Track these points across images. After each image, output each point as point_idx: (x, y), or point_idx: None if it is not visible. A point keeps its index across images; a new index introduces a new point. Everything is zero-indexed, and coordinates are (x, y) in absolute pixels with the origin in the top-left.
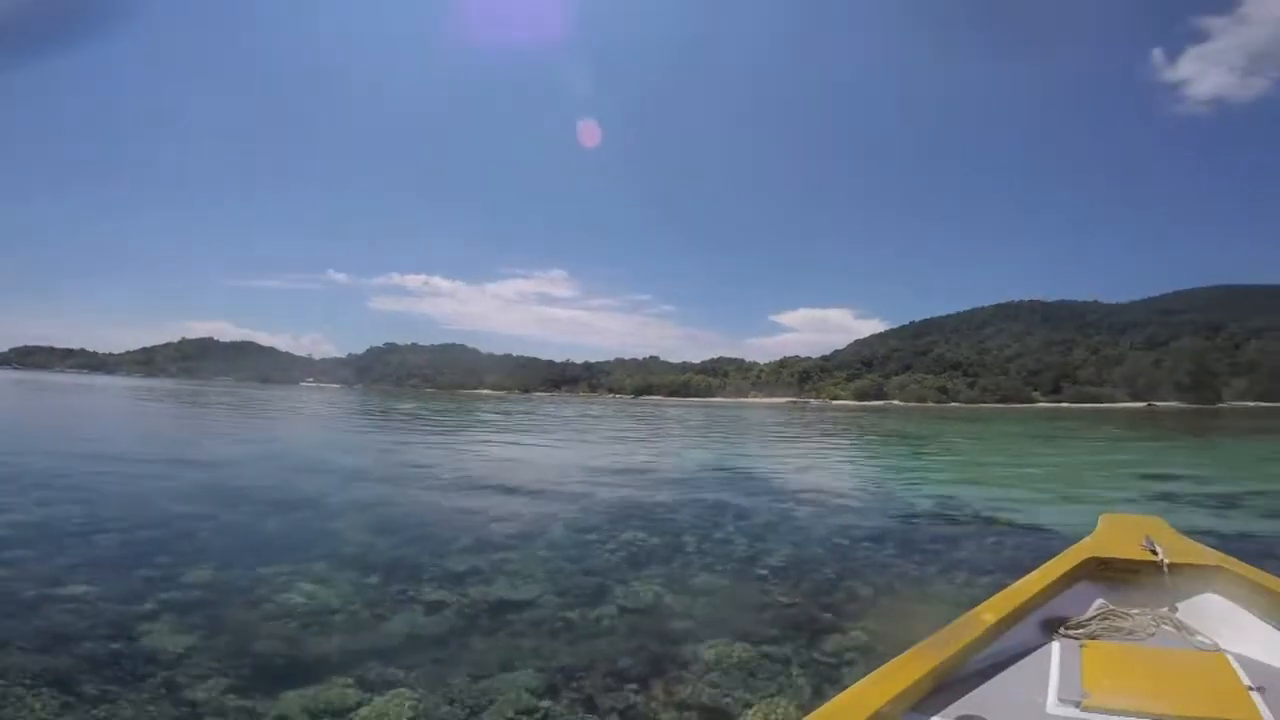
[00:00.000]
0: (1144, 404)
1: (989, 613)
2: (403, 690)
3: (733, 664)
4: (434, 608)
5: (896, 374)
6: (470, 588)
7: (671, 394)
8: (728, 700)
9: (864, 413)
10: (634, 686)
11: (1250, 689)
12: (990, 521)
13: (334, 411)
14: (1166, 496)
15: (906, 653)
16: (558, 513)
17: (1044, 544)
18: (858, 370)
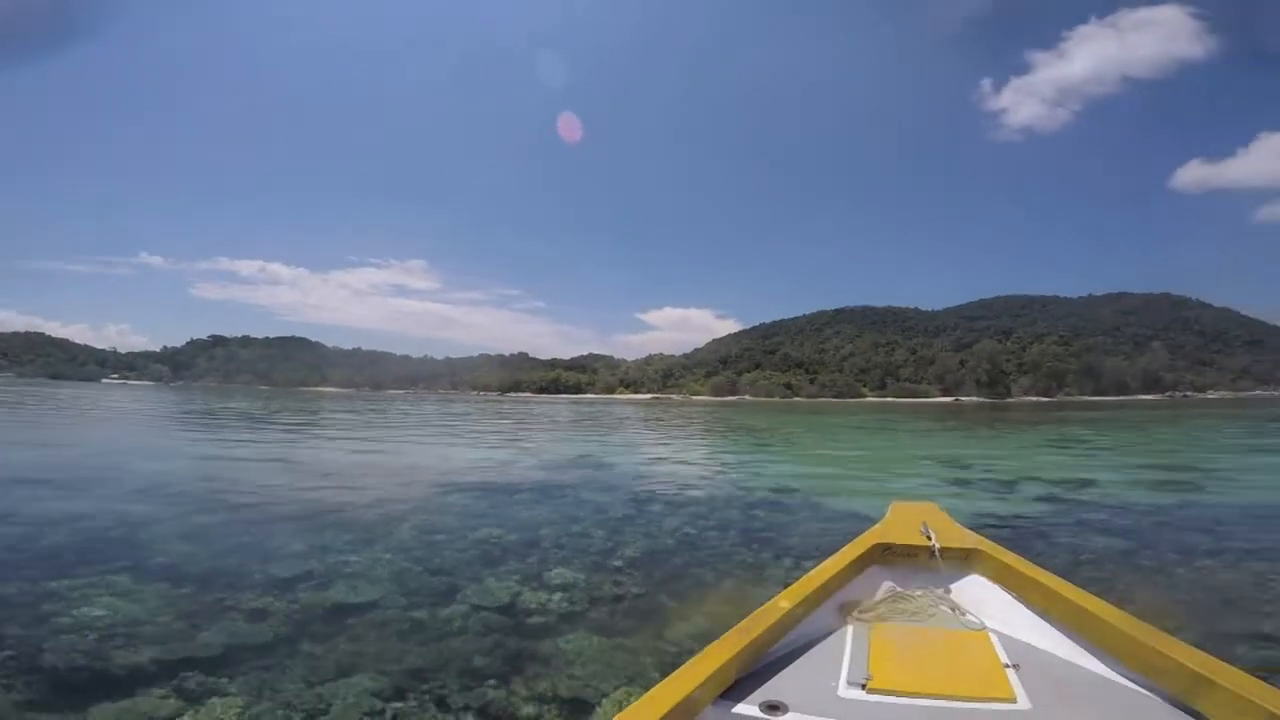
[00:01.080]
0: (952, 398)
1: (788, 599)
2: (230, 698)
3: (590, 656)
4: (258, 615)
5: (748, 371)
6: (302, 593)
7: (540, 391)
8: (587, 691)
9: (720, 408)
10: (492, 683)
11: (1007, 666)
12: (818, 508)
13: (141, 410)
14: (960, 482)
15: (715, 642)
16: (405, 514)
17: (860, 528)
18: (715, 368)
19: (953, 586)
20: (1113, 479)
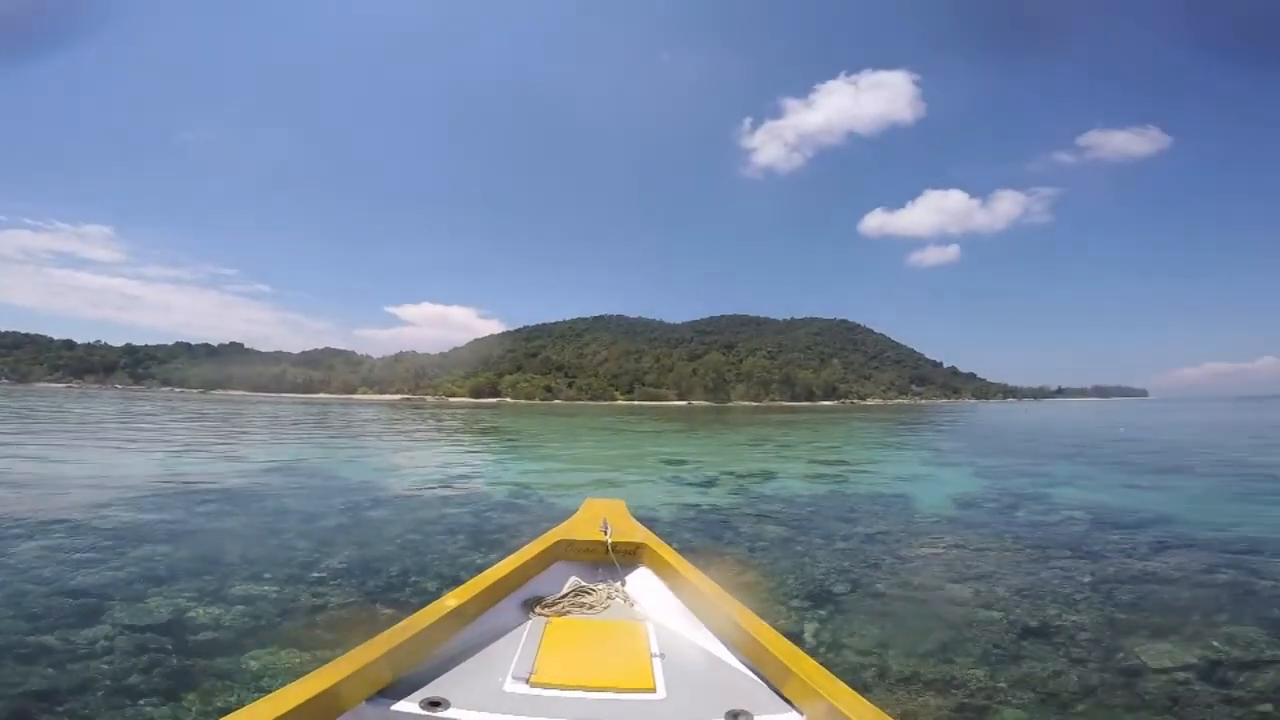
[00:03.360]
0: (685, 402)
1: (458, 596)
2: None
3: (281, 669)
4: None
5: (510, 374)
6: None
7: (257, 389)
8: None
9: (478, 410)
10: (154, 699)
11: (655, 656)
12: (552, 507)
13: None
14: (675, 478)
15: (372, 639)
16: (32, 531)
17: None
18: (476, 369)
19: (627, 579)
20: (789, 472)
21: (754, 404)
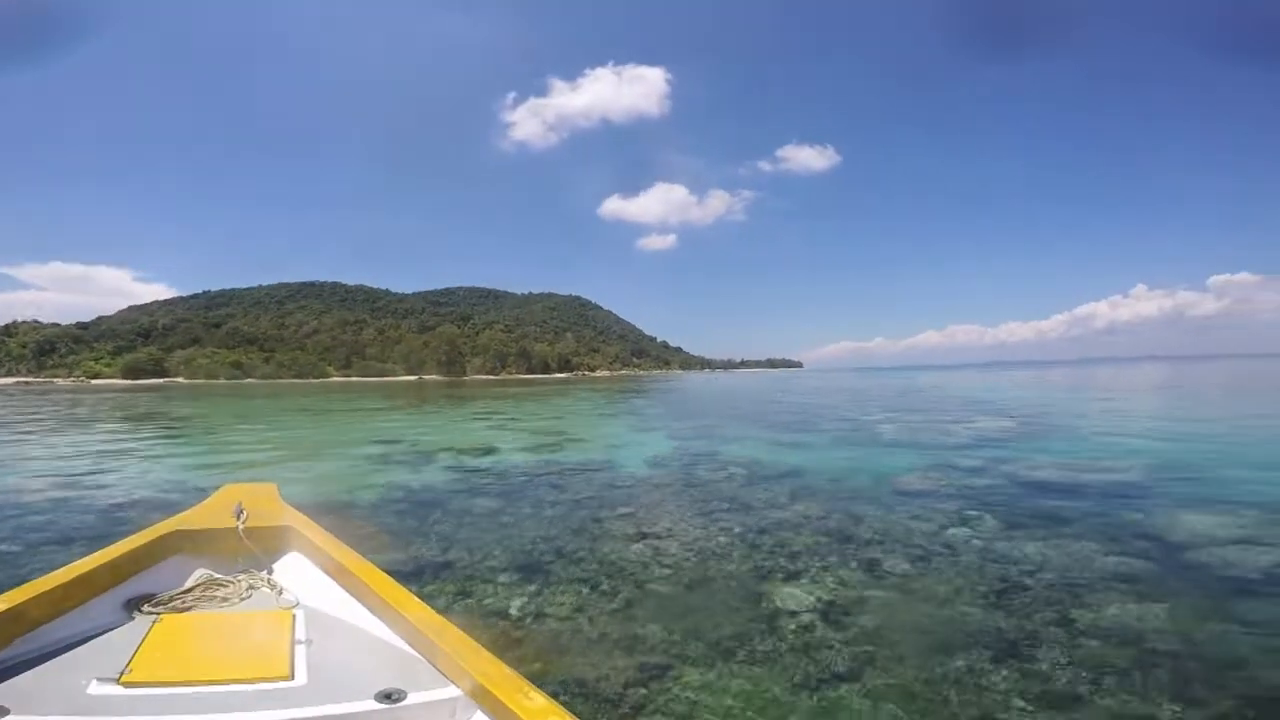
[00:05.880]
0: (416, 377)
1: (35, 590)
2: None
3: None
4: None
5: (183, 347)
6: None
7: None
8: None
9: (135, 393)
10: None
11: (300, 643)
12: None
13: None
14: (383, 458)
15: None
16: None
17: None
18: (131, 342)
19: (275, 567)
20: (510, 445)
21: (491, 377)
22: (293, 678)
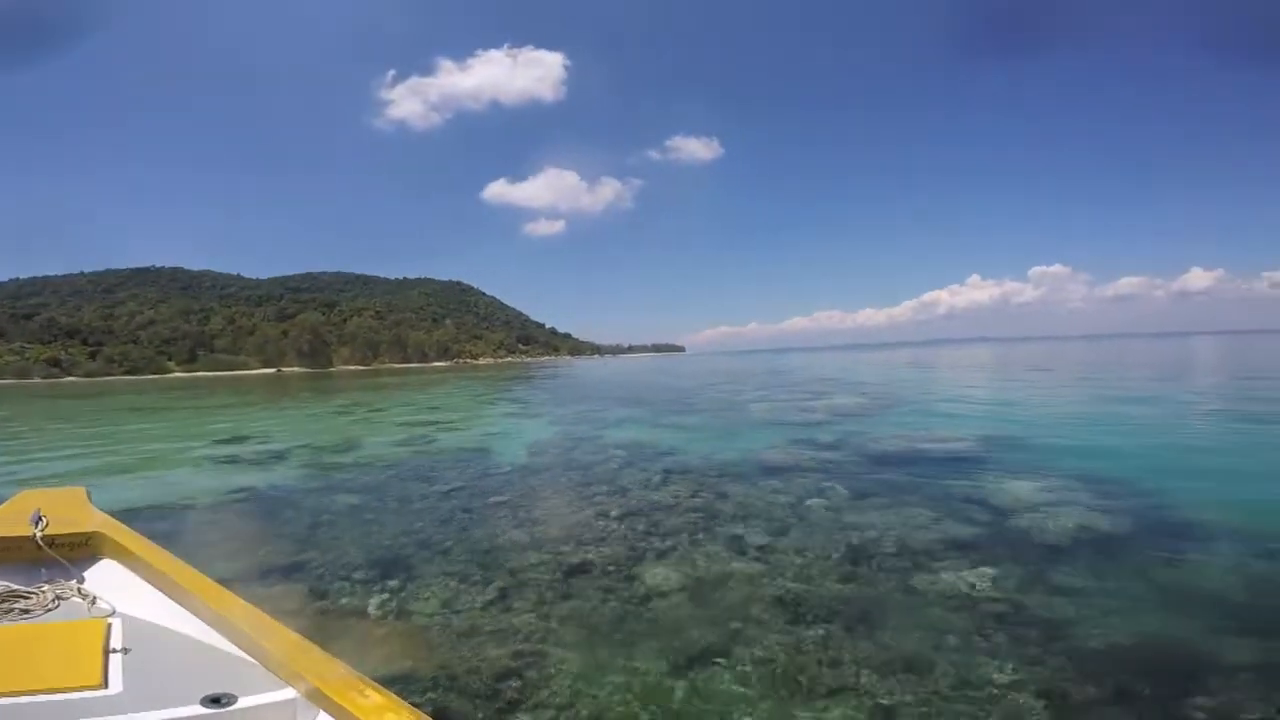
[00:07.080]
0: (274, 370)
1: None
2: None
3: None
4: None
5: None
6: None
7: None
8: None
9: None
10: None
11: (114, 652)
12: None
13: None
14: (229, 459)
15: None
16: None
17: None
18: None
19: (86, 576)
20: (375, 438)
21: (362, 368)
22: (106, 686)
